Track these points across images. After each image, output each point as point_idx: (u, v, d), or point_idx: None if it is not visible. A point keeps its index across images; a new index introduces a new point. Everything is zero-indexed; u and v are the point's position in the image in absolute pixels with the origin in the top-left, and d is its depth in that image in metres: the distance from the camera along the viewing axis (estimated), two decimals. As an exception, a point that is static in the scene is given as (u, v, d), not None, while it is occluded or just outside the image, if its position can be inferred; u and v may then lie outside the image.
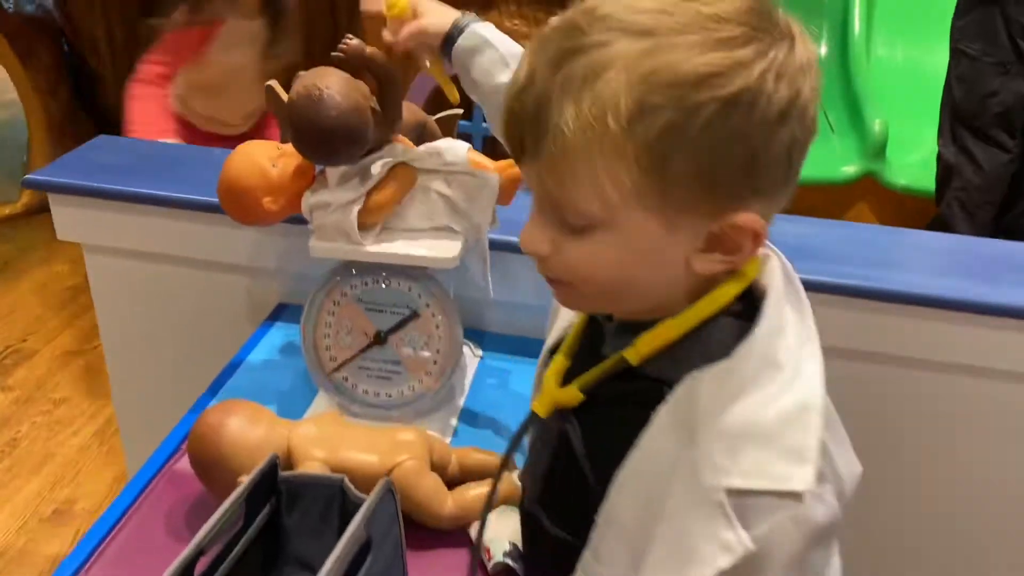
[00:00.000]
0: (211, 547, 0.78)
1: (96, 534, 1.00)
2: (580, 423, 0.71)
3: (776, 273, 0.67)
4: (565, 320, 0.81)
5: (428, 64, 1.00)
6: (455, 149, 1.10)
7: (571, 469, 0.70)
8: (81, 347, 2.58)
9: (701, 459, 0.60)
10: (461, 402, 1.22)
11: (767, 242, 0.67)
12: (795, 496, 0.59)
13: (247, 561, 0.85)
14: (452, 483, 1.02)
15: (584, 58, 0.57)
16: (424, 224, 1.11)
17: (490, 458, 1.05)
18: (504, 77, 0.94)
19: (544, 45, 0.60)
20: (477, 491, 1.00)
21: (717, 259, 0.62)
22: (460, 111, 1.21)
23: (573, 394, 0.70)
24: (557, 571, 0.71)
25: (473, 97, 1.04)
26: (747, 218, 0.60)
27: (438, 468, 1.02)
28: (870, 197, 3.14)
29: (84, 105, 3.53)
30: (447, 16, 0.97)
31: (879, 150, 3.05)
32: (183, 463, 1.08)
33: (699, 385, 0.62)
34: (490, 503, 0.79)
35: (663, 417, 0.63)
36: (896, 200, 3.09)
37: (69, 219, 1.45)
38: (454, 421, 1.19)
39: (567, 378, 0.72)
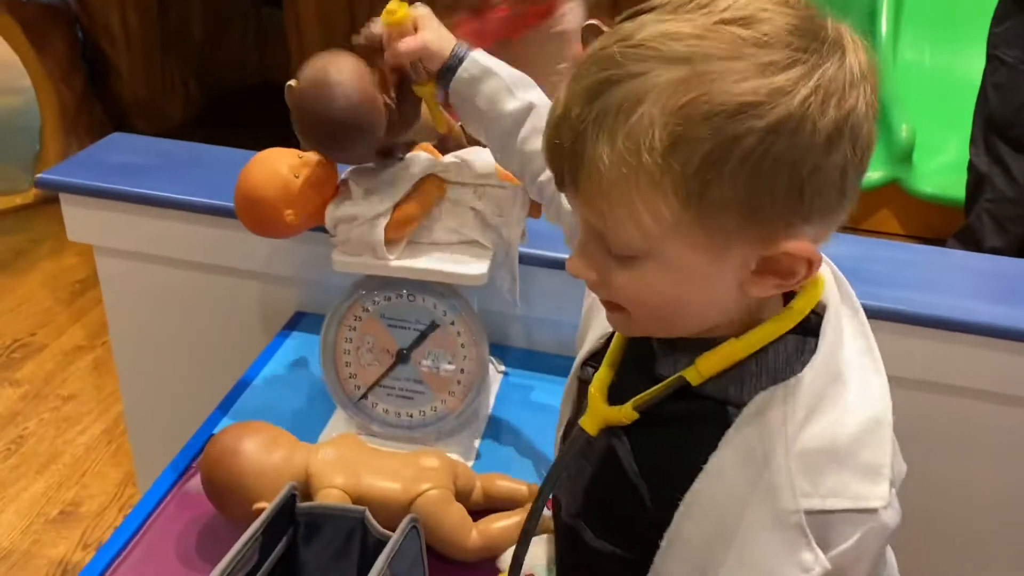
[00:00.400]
0: (226, 586, 0.74)
1: (104, 557, 0.96)
2: (631, 441, 0.69)
3: (830, 284, 0.66)
4: (599, 329, 0.78)
5: (418, 84, 0.92)
6: (483, 159, 1.05)
7: (620, 485, 0.69)
8: (91, 342, 2.53)
9: (778, 482, 0.60)
10: (484, 422, 1.18)
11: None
12: (872, 511, 0.60)
13: (262, 598, 0.80)
14: (476, 511, 0.98)
15: (618, 90, 0.55)
16: (451, 238, 1.06)
17: (517, 487, 1.01)
18: (510, 105, 0.89)
19: (579, 75, 0.58)
20: (503, 523, 0.96)
21: (772, 283, 0.60)
22: None
23: (626, 413, 0.68)
24: None
25: (472, 128, 0.96)
26: (797, 246, 0.58)
27: (462, 495, 0.98)
28: (894, 204, 3.08)
29: (98, 93, 3.50)
30: (447, 41, 0.90)
31: (905, 156, 2.99)
32: (194, 483, 1.03)
33: (769, 406, 0.61)
34: (529, 534, 0.76)
35: (732, 439, 0.62)
36: (921, 208, 3.03)
37: (81, 220, 1.41)
38: (477, 443, 1.14)
39: (612, 392, 0.70)
